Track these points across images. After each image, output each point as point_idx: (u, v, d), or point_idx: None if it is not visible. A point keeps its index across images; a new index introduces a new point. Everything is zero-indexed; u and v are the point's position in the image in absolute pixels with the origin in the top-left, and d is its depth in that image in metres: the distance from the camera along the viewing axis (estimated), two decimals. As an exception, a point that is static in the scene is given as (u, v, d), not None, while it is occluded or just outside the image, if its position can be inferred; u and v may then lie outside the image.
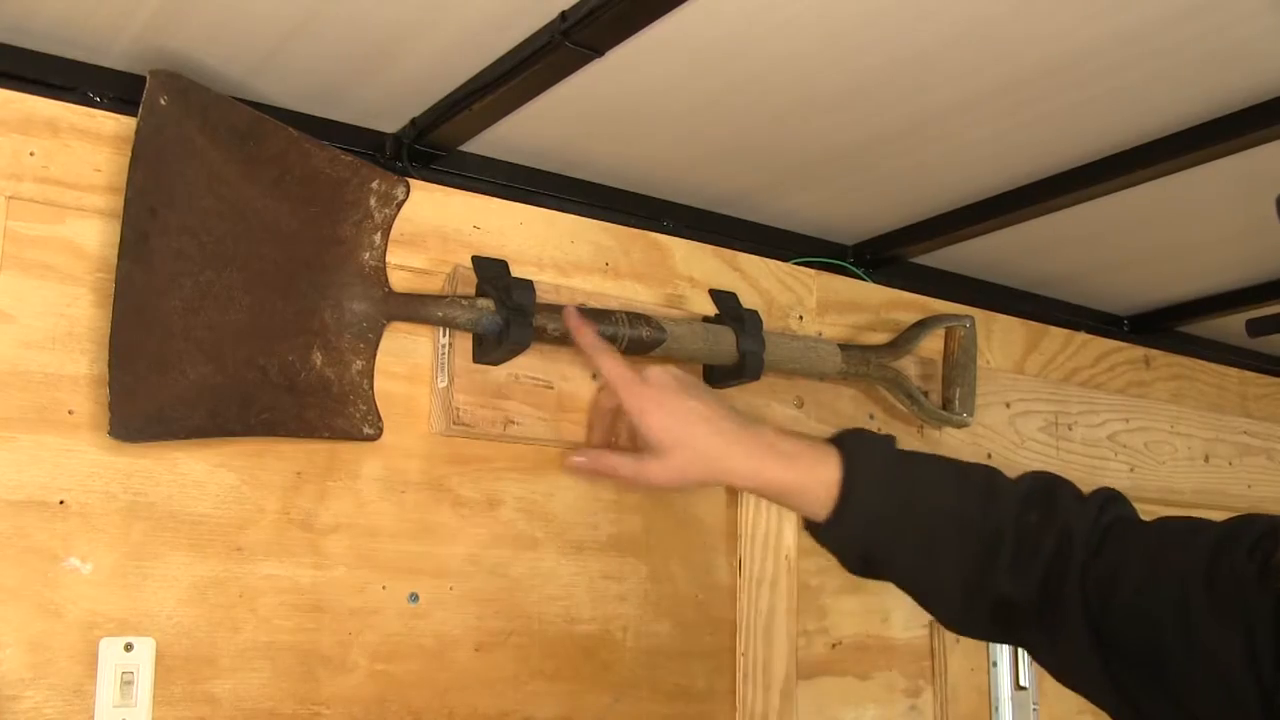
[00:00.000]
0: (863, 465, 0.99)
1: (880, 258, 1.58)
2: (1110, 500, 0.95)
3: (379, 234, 1.11)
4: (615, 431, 1.18)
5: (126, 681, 0.96)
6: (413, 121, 1.21)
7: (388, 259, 1.11)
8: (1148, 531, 0.91)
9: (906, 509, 0.97)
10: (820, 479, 0.98)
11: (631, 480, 1.09)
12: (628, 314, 1.19)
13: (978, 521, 0.95)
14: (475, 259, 1.17)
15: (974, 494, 0.97)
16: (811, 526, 1.03)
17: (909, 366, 1.46)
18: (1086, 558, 0.90)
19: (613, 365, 1.09)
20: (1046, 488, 0.96)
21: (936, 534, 0.96)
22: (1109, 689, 0.88)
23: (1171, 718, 0.85)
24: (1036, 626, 0.92)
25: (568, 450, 1.21)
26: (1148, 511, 0.96)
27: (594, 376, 1.21)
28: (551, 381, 1.18)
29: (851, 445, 1.01)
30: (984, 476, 0.99)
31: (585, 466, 1.13)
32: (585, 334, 1.12)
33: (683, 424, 1.04)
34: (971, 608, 0.96)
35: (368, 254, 1.10)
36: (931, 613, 1.02)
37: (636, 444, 1.11)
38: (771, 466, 1.01)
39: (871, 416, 1.45)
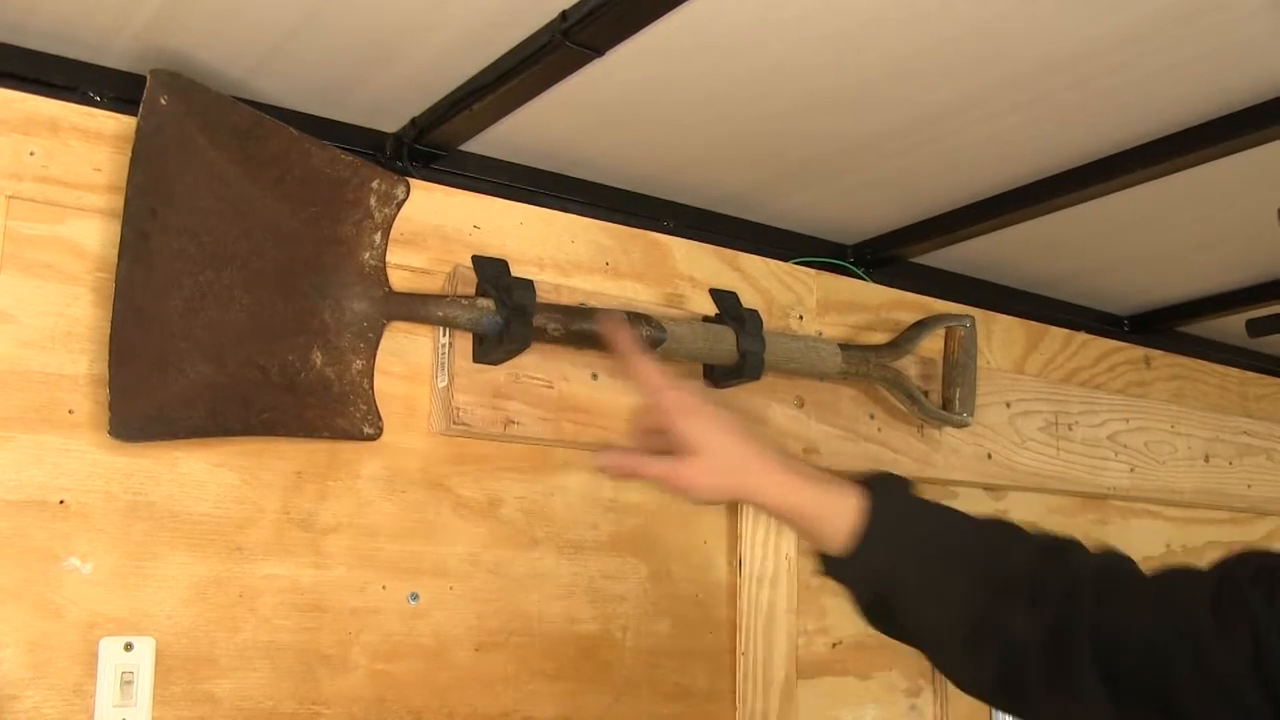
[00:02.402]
0: (885, 499, 1.00)
1: (880, 258, 1.58)
2: (1117, 557, 0.98)
3: (379, 234, 1.11)
4: (653, 448, 1.11)
5: (126, 681, 0.96)
6: (413, 121, 1.21)
7: (388, 259, 1.11)
8: (1152, 580, 0.94)
9: (925, 543, 0.99)
10: (843, 507, 1.00)
11: (664, 479, 1.05)
12: (628, 314, 1.19)
13: (996, 564, 0.97)
14: (475, 259, 1.16)
15: (992, 538, 1.00)
16: (829, 562, 1.03)
17: (909, 366, 1.46)
18: (1094, 604, 0.92)
19: (650, 370, 1.06)
20: (1060, 541, 1.00)
21: (952, 571, 0.98)
22: None
23: None
24: (1040, 669, 0.93)
25: (568, 450, 1.21)
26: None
27: (594, 377, 1.21)
28: (551, 381, 1.18)
29: (875, 482, 1.03)
30: (1002, 525, 1.02)
31: (613, 464, 1.07)
32: (625, 337, 1.11)
33: (717, 430, 1.04)
34: (979, 652, 0.96)
35: (368, 254, 1.10)
36: (939, 664, 1.02)
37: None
38: (799, 485, 1.01)
39: (872, 416, 1.44)
